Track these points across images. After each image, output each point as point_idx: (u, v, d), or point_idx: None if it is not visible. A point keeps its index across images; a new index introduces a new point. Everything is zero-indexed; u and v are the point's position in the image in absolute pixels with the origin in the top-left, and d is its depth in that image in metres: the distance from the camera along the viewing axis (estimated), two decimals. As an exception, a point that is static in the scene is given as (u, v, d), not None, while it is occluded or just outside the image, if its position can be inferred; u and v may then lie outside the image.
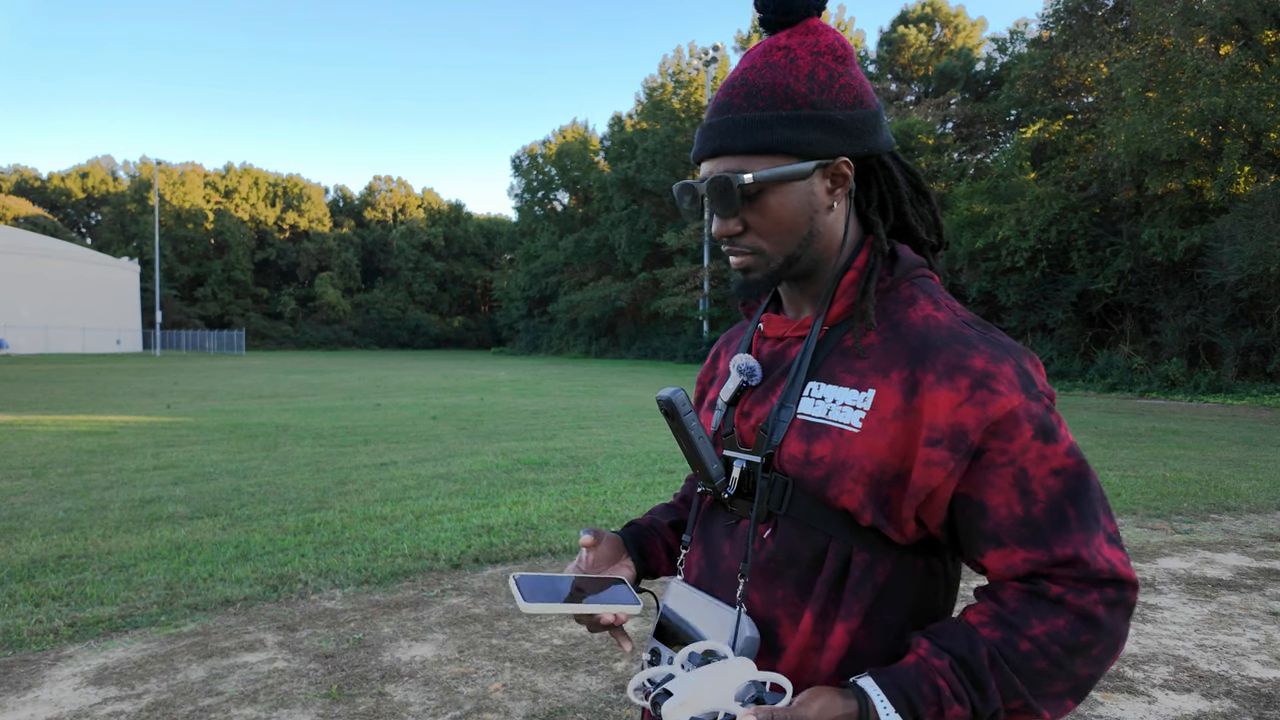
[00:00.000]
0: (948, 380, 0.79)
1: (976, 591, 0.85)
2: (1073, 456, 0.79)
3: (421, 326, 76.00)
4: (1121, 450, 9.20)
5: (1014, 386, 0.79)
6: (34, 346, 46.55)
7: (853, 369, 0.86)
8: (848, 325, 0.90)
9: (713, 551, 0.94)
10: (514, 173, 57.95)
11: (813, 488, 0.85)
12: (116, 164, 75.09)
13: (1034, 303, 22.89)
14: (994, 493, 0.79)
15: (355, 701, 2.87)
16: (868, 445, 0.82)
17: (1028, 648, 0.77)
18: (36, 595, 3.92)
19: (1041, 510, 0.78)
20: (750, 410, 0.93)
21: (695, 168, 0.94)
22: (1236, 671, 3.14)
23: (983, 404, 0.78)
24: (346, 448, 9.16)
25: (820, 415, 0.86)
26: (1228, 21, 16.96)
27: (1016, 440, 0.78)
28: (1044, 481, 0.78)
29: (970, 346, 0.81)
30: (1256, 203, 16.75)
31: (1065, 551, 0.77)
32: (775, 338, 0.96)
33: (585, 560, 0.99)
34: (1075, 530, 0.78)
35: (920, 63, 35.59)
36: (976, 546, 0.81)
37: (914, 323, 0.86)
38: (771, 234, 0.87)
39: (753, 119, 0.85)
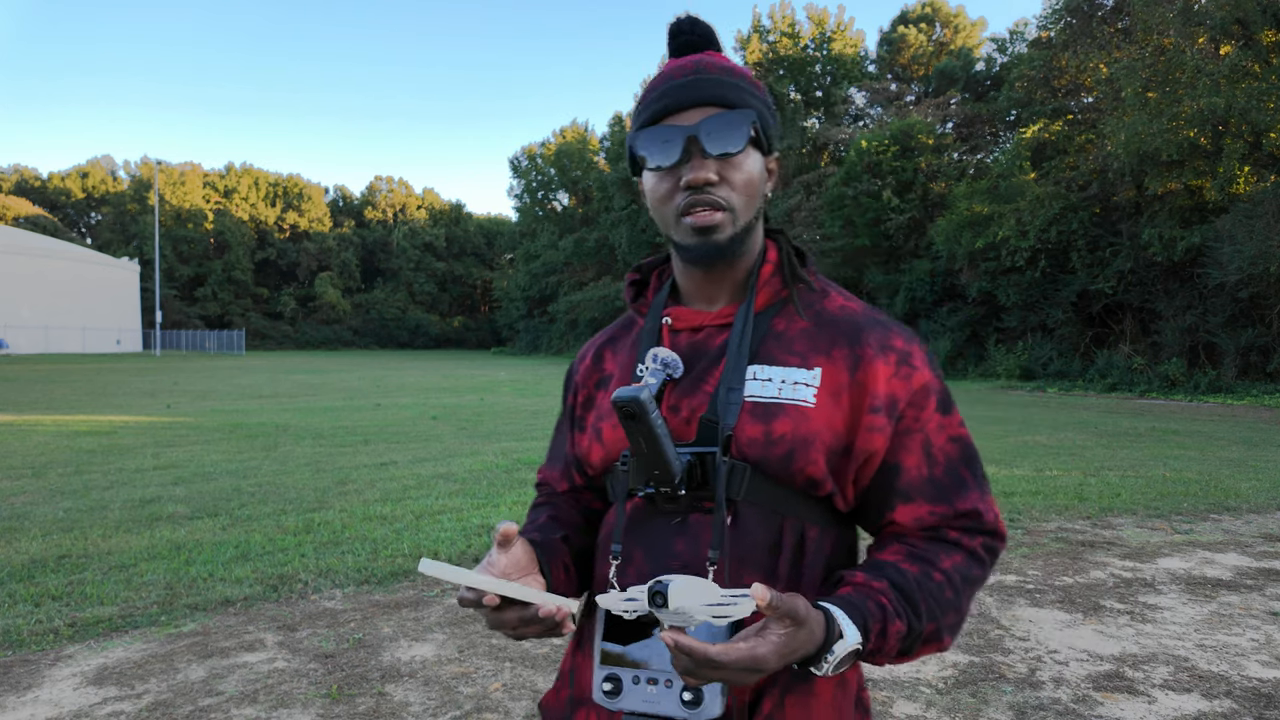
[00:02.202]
0: (881, 356, 0.90)
1: (876, 543, 0.94)
2: (963, 428, 0.93)
3: (421, 326, 75.99)
4: (1121, 450, 9.20)
5: (925, 364, 0.92)
6: (34, 346, 46.54)
7: (792, 350, 0.91)
8: (771, 312, 0.95)
9: (659, 553, 0.89)
10: (513, 173, 57.99)
11: (775, 467, 0.87)
12: (116, 164, 75.09)
13: (1034, 303, 22.89)
14: (907, 455, 0.89)
15: (355, 701, 2.87)
16: (824, 418, 0.88)
17: (940, 579, 0.87)
18: (36, 595, 3.92)
19: (943, 472, 0.90)
20: (679, 403, 0.92)
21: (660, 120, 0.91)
22: (1236, 671, 3.15)
23: (907, 377, 0.90)
24: (346, 448, 9.16)
25: (772, 395, 0.89)
26: (1228, 21, 16.96)
27: (926, 410, 0.90)
28: (944, 448, 0.91)
29: (889, 329, 0.93)
30: (1256, 203, 16.75)
31: (965, 506, 0.90)
32: (691, 329, 0.97)
33: (497, 564, 0.83)
34: (972, 489, 0.91)
35: (920, 63, 35.58)
36: (889, 503, 0.91)
37: (834, 310, 0.95)
38: (742, 193, 0.90)
39: (741, 85, 0.91)
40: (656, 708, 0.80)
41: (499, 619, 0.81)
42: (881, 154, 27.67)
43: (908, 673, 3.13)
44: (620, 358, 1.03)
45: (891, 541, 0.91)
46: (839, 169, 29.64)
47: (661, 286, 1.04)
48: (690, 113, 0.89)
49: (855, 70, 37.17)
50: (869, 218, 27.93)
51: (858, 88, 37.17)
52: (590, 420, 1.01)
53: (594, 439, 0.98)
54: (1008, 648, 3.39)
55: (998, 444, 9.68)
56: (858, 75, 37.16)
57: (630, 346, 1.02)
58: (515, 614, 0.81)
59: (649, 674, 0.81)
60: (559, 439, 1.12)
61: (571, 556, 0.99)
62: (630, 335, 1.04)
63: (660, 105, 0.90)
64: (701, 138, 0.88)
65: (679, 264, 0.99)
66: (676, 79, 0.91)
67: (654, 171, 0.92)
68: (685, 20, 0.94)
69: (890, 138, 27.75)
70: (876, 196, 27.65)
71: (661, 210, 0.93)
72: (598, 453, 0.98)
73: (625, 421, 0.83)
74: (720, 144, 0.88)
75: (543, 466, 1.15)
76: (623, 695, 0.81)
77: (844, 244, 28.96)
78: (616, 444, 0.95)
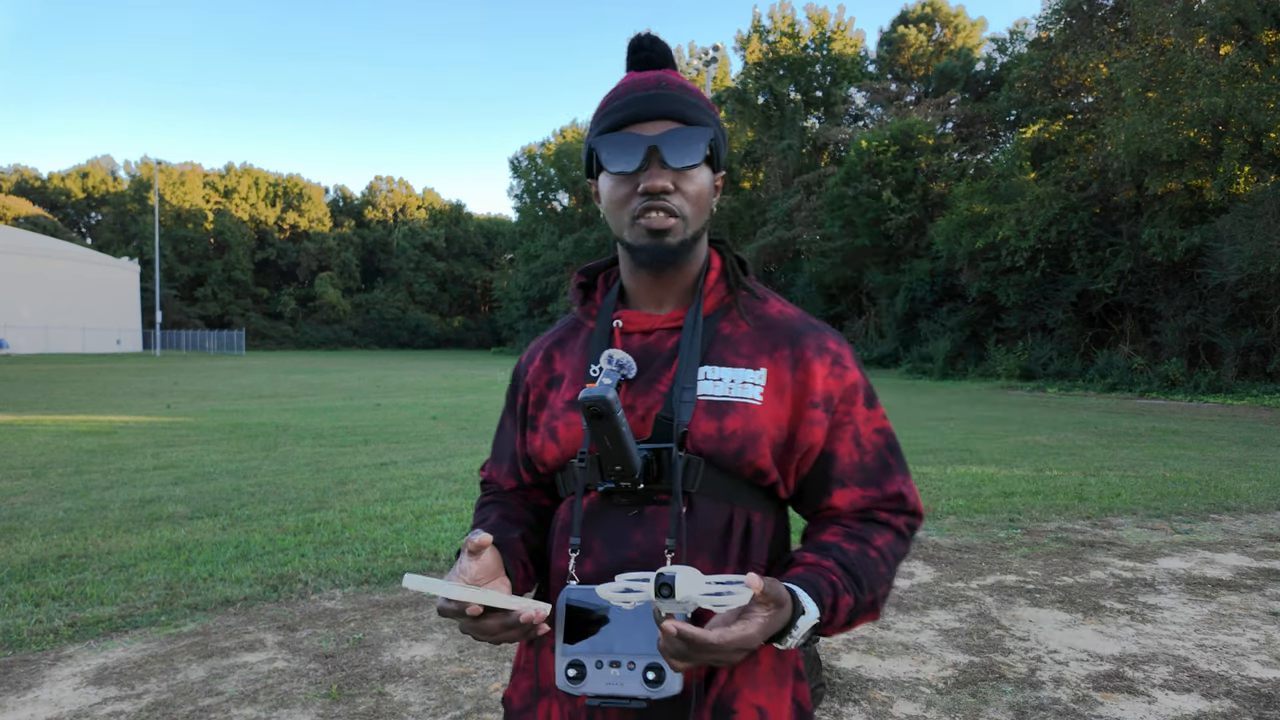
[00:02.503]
0: (818, 357, 0.99)
1: (814, 525, 1.02)
2: (886, 420, 1.03)
3: (421, 326, 75.97)
4: (1121, 450, 9.20)
5: (854, 363, 1.02)
6: (34, 346, 46.53)
7: (739, 352, 0.99)
8: (718, 316, 1.02)
9: (617, 544, 0.94)
10: (513, 173, 58.02)
11: (727, 460, 0.94)
12: (116, 164, 75.09)
13: (1034, 303, 22.88)
14: (840, 445, 0.99)
15: (355, 701, 2.87)
16: (771, 414, 0.96)
17: (875, 555, 0.96)
18: (36, 595, 3.92)
19: (872, 459, 1.00)
20: (634, 402, 0.97)
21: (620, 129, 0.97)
22: (1236, 671, 3.15)
23: (840, 376, 1.00)
24: (346, 448, 9.16)
25: (723, 394, 0.96)
26: (1228, 21, 16.95)
27: (855, 405, 1.00)
28: (871, 438, 1.00)
29: (823, 332, 1.03)
30: (1256, 203, 16.75)
31: (892, 489, 1.00)
32: (642, 332, 1.02)
33: (469, 570, 0.86)
34: (896, 473, 1.01)
35: (920, 63, 35.59)
36: (827, 488, 1.00)
37: (774, 315, 1.04)
38: (693, 203, 0.97)
39: (698, 104, 0.98)
40: (621, 689, 0.85)
41: (480, 626, 0.83)
42: (881, 154, 27.67)
43: (908, 673, 3.13)
44: (571, 359, 1.06)
45: (830, 524, 1.00)
46: (839, 169, 29.66)
47: (609, 289, 1.09)
48: (652, 124, 0.95)
49: (855, 70, 37.18)
50: (869, 218, 27.94)
51: (858, 88, 37.17)
52: (543, 419, 1.04)
53: (548, 438, 1.02)
54: (1008, 648, 3.39)
55: (998, 444, 9.68)
56: (858, 75, 37.17)
57: (581, 348, 1.06)
58: (497, 621, 0.83)
59: (612, 658, 0.86)
60: (503, 438, 1.15)
61: (528, 554, 1.03)
62: (579, 337, 1.08)
63: (624, 114, 0.96)
64: (663, 149, 0.94)
65: (628, 266, 1.03)
66: (639, 91, 0.96)
67: (613, 176, 0.97)
68: (645, 38, 1.01)
69: (890, 138, 27.76)
70: (876, 196, 27.66)
71: (617, 213, 0.98)
72: (552, 451, 1.01)
73: (591, 421, 0.86)
74: (680, 157, 0.94)
75: (488, 465, 1.18)
76: (586, 680, 0.86)
77: (844, 244, 28.96)
78: (572, 442, 0.99)
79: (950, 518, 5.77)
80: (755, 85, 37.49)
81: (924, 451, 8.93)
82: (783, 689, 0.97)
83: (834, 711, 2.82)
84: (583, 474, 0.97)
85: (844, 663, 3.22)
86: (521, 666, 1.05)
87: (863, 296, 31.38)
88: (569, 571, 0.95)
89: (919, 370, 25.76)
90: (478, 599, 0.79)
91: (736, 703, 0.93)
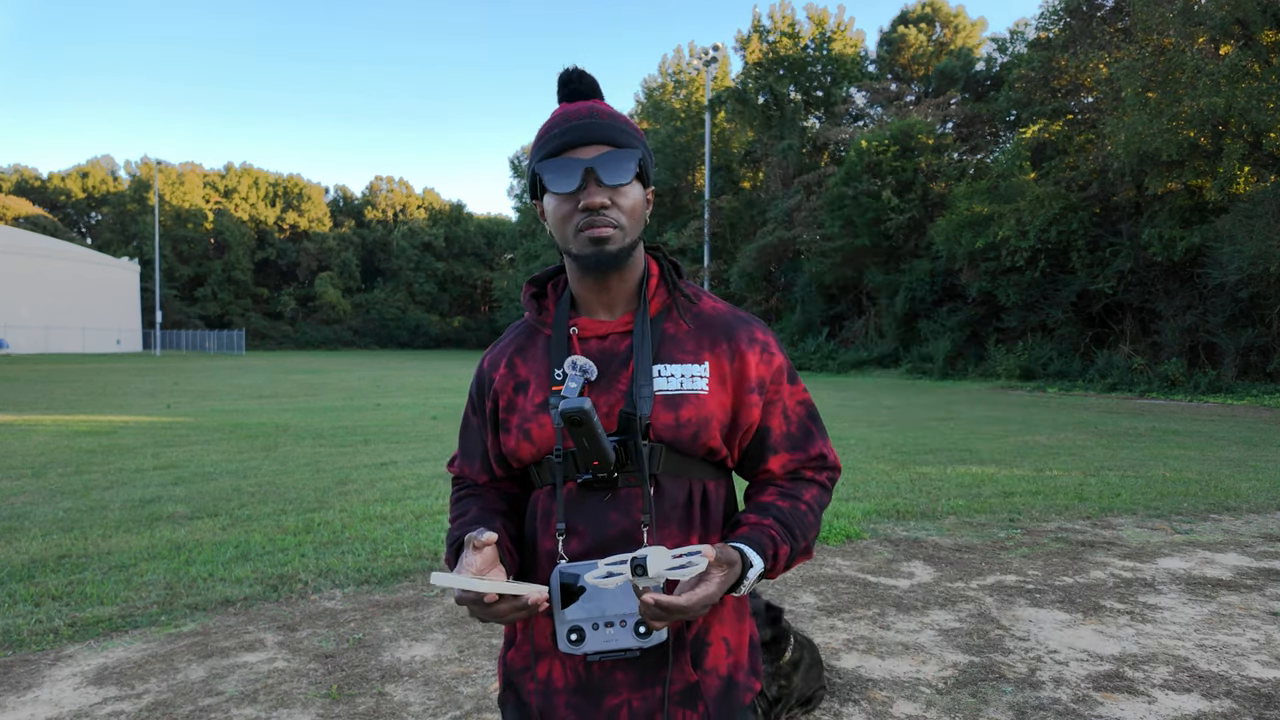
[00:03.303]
0: (750, 348, 1.16)
1: (753, 487, 1.22)
2: (806, 393, 1.22)
3: (421, 326, 75.97)
4: (1121, 450, 9.20)
5: (778, 348, 1.20)
6: (34, 346, 46.53)
7: (684, 349, 1.14)
8: (661, 318, 1.16)
9: (597, 525, 1.09)
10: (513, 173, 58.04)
11: (684, 444, 1.10)
12: (116, 164, 75.08)
13: (1034, 303, 22.88)
14: (773, 420, 1.18)
15: (355, 701, 2.87)
16: (717, 401, 1.12)
17: (804, 508, 1.16)
18: (36, 595, 3.92)
19: (796, 428, 1.20)
20: (598, 401, 1.10)
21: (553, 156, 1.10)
22: (1236, 671, 3.15)
23: (768, 361, 1.17)
24: (346, 448, 9.17)
25: (676, 388, 1.11)
26: (1228, 21, 16.95)
27: (782, 384, 1.19)
28: (795, 410, 1.20)
29: (750, 324, 1.19)
30: (1256, 203, 16.75)
31: (815, 451, 1.20)
32: (597, 337, 1.15)
33: (474, 564, 0.98)
34: (817, 438, 1.21)
35: (920, 63, 35.58)
36: (763, 456, 1.19)
37: (708, 312, 1.19)
38: (628, 216, 1.10)
39: (627, 130, 1.11)
40: (616, 644, 1.02)
41: (494, 611, 0.97)
42: (881, 154, 27.66)
43: (908, 673, 3.13)
44: (533, 365, 1.18)
45: (766, 485, 1.20)
46: (839, 169, 29.62)
47: (560, 298, 1.21)
48: (587, 149, 1.08)
49: (855, 70, 37.15)
50: (869, 218, 27.92)
51: (858, 88, 37.16)
52: (515, 422, 1.16)
53: (522, 438, 1.14)
54: (1008, 648, 3.39)
55: (998, 444, 9.68)
56: (858, 75, 37.15)
57: (542, 354, 1.18)
58: (508, 605, 0.98)
59: (605, 619, 1.02)
60: (470, 437, 1.27)
61: (510, 540, 1.17)
62: (537, 344, 1.20)
63: (562, 140, 1.09)
64: (598, 170, 1.06)
65: (575, 275, 1.16)
66: (573, 120, 1.09)
67: (555, 196, 1.10)
68: (574, 72, 1.14)
69: (890, 138, 27.74)
70: (876, 196, 27.64)
71: (562, 229, 1.10)
72: (527, 449, 1.14)
73: (572, 427, 0.98)
74: (613, 176, 1.07)
75: (458, 462, 1.29)
76: (586, 641, 1.02)
77: (844, 244, 28.94)
78: (546, 441, 1.12)
79: (950, 518, 5.77)
80: (755, 85, 37.47)
81: (924, 451, 8.93)
82: (741, 624, 1.19)
83: (834, 711, 2.82)
84: (559, 467, 1.10)
85: (844, 663, 3.22)
86: (519, 632, 1.19)
87: (863, 296, 31.37)
88: (558, 552, 1.09)
89: (919, 370, 25.76)
90: (496, 589, 0.94)
91: (709, 636, 1.14)
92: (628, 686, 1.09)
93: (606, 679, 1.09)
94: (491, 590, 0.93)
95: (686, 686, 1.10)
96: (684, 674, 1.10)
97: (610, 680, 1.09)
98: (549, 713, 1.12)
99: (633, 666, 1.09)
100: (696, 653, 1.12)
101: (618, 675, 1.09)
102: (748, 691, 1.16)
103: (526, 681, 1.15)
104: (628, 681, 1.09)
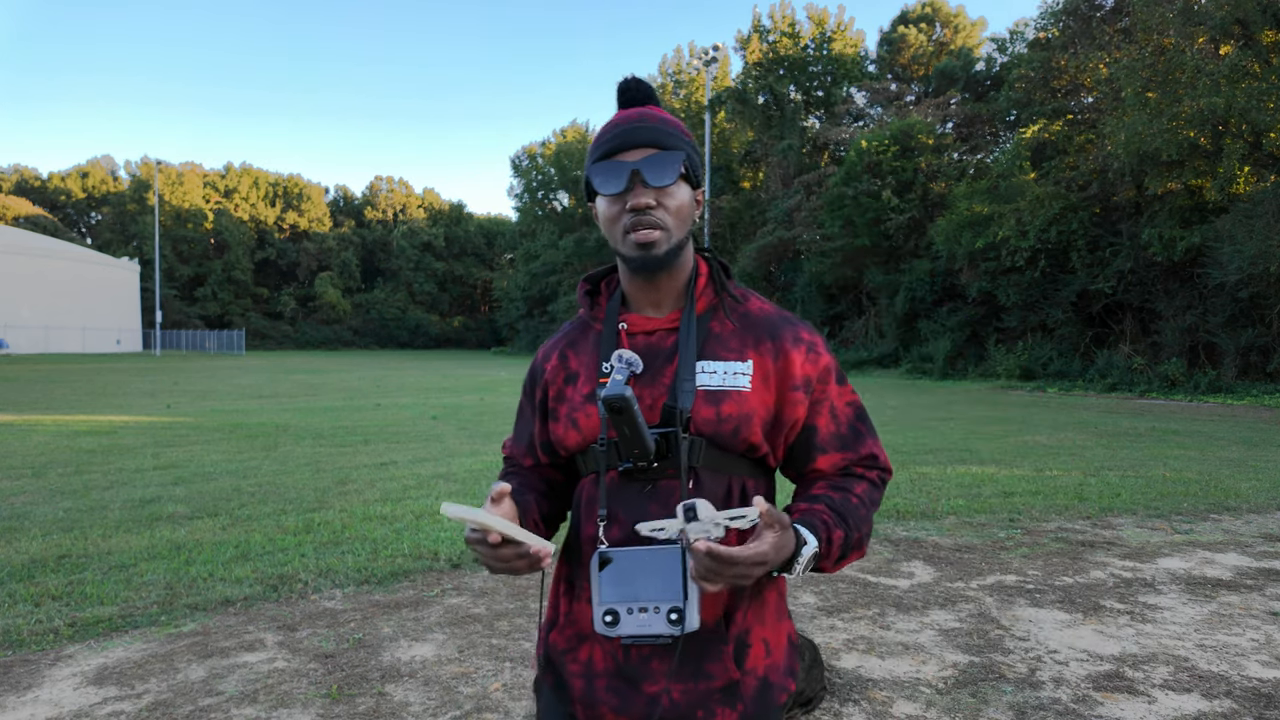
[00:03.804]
0: (795, 347, 1.18)
1: (802, 485, 1.23)
2: (855, 394, 1.24)
3: (421, 326, 75.97)
4: (1121, 450, 9.20)
5: (825, 349, 1.22)
6: (34, 346, 46.53)
7: (728, 346, 1.17)
8: (708, 316, 1.20)
9: (636, 514, 1.11)
10: (514, 173, 58.03)
11: (724, 439, 1.12)
12: (116, 164, 75.09)
13: (1034, 303, 22.87)
14: (820, 419, 1.19)
15: (355, 701, 2.87)
16: (759, 398, 1.15)
17: (856, 501, 1.16)
18: (36, 595, 3.92)
19: (845, 428, 1.21)
20: (642, 394, 1.15)
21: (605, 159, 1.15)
22: (1236, 671, 3.15)
23: (814, 361, 1.19)
24: (346, 448, 9.17)
25: (718, 384, 1.14)
26: (1228, 21, 16.94)
27: (829, 384, 1.20)
28: (843, 410, 1.21)
29: (797, 325, 1.21)
30: (1256, 203, 16.74)
31: (865, 451, 1.21)
32: (645, 333, 1.20)
33: (491, 512, 1.04)
34: (867, 437, 1.22)
35: (920, 63, 35.56)
36: (810, 455, 1.20)
37: (755, 312, 1.22)
38: (674, 216, 1.14)
39: (675, 133, 1.16)
40: (649, 629, 1.04)
41: (498, 554, 0.99)
42: (881, 154, 27.65)
43: (908, 673, 3.13)
44: (583, 358, 1.23)
45: (816, 481, 1.21)
46: (839, 169, 29.61)
47: (611, 295, 1.26)
48: (634, 152, 1.13)
49: (855, 70, 37.15)
50: (869, 218, 27.92)
51: (858, 88, 37.15)
52: (563, 411, 1.21)
53: (570, 426, 1.19)
54: (1008, 648, 3.39)
55: (998, 444, 9.68)
56: (858, 75, 37.14)
57: (592, 348, 1.23)
58: (511, 550, 1.00)
59: (639, 604, 1.04)
60: (523, 423, 1.33)
61: (540, 515, 1.23)
62: (589, 338, 1.25)
63: (610, 145, 1.14)
64: (643, 172, 1.11)
65: (626, 274, 1.21)
66: (623, 125, 1.15)
67: (605, 198, 1.15)
68: (631, 80, 1.20)
69: (890, 138, 27.73)
70: (876, 196, 27.64)
71: (611, 229, 1.15)
72: (574, 438, 1.19)
73: (613, 414, 1.02)
74: (658, 177, 1.11)
75: (509, 443, 1.36)
76: (620, 624, 1.04)
77: (844, 244, 28.94)
78: (591, 430, 1.17)
79: (950, 518, 5.77)
80: (755, 85, 37.47)
81: (924, 451, 8.93)
82: (780, 624, 1.20)
83: (834, 711, 2.82)
84: (604, 456, 1.14)
85: (844, 663, 3.22)
86: (561, 615, 1.22)
87: (863, 296, 31.37)
88: (599, 537, 1.13)
89: (919, 370, 25.76)
90: (499, 528, 0.96)
91: (750, 637, 1.15)
92: (665, 676, 1.11)
93: (643, 667, 1.11)
94: (496, 529, 0.96)
95: (729, 683, 1.12)
96: (727, 671, 1.12)
97: (646, 669, 1.11)
98: (590, 694, 1.15)
99: (669, 656, 1.11)
100: (739, 652, 1.14)
101: (654, 664, 1.11)
102: (783, 692, 1.18)
103: (569, 663, 1.18)
104: (664, 671, 1.11)
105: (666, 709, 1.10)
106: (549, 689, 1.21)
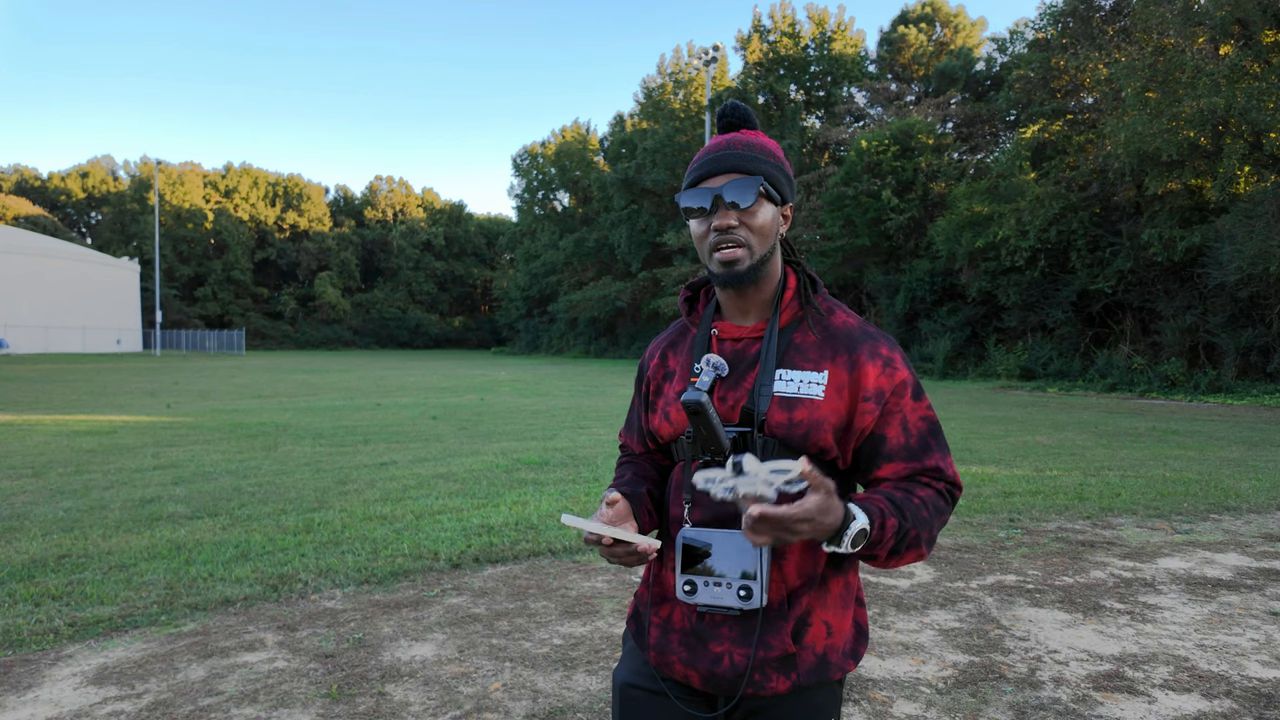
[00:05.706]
0: (871, 361, 1.26)
1: (867, 490, 1.27)
2: (932, 410, 1.30)
3: (421, 326, 75.98)
4: (1121, 450, 9.20)
5: (904, 365, 1.29)
6: (34, 346, 46.53)
7: (808, 357, 1.28)
8: (792, 328, 1.31)
9: (714, 502, 1.24)
10: (514, 172, 57.97)
11: (795, 441, 1.23)
12: (116, 164, 75.06)
13: (1034, 303, 22.88)
14: (889, 429, 1.26)
15: (355, 701, 2.87)
16: (831, 407, 1.24)
17: (918, 502, 1.22)
18: (36, 595, 3.92)
19: (915, 441, 1.27)
20: (726, 395, 1.28)
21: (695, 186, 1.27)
22: (1236, 671, 3.15)
23: (890, 375, 1.26)
24: (346, 448, 9.17)
25: (793, 392, 1.25)
26: (1228, 21, 16.95)
27: (904, 398, 1.27)
28: (917, 424, 1.27)
29: (877, 340, 1.29)
30: (1256, 203, 16.74)
31: (931, 463, 1.26)
32: (733, 339, 1.32)
33: (605, 515, 1.20)
34: (935, 451, 1.27)
35: (920, 63, 35.56)
36: (876, 462, 1.27)
37: (837, 325, 1.31)
38: (757, 234, 1.25)
39: (757, 156, 1.27)
40: (720, 601, 1.21)
41: (613, 552, 1.15)
42: (881, 154, 27.65)
43: (908, 673, 3.13)
44: (680, 358, 1.39)
45: (879, 484, 1.28)
46: (839, 169, 29.64)
47: (708, 302, 1.40)
48: (719, 178, 1.25)
49: (855, 70, 37.16)
50: (869, 218, 27.93)
51: (858, 88, 37.15)
52: (660, 405, 1.37)
53: (663, 419, 1.35)
54: (1008, 648, 3.39)
55: (998, 444, 9.68)
56: (858, 75, 37.15)
57: (687, 350, 1.38)
58: (623, 549, 1.15)
59: (714, 579, 1.21)
60: (633, 414, 1.51)
61: (652, 503, 1.37)
62: (686, 340, 1.41)
63: (699, 173, 1.27)
64: (725, 195, 1.23)
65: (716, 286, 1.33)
66: (710, 154, 1.27)
67: (694, 219, 1.28)
68: (729, 106, 1.33)
69: (890, 138, 27.74)
70: (876, 196, 27.64)
71: (700, 246, 1.28)
72: (666, 429, 1.35)
73: (691, 416, 1.18)
74: (738, 199, 1.23)
75: (623, 433, 1.54)
76: (697, 594, 1.22)
77: (844, 244, 28.95)
78: (681, 424, 1.31)
79: (950, 517, 5.77)
80: (755, 85, 37.48)
81: (924, 451, 8.92)
82: (846, 611, 1.31)
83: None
84: (688, 447, 1.29)
85: (844, 663, 3.22)
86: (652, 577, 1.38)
87: (863, 296, 31.37)
88: (684, 518, 1.29)
89: (919, 370, 25.74)
90: (610, 534, 1.12)
91: (811, 618, 1.26)
92: (730, 640, 1.24)
93: (714, 630, 1.26)
94: (606, 534, 1.12)
95: (784, 655, 1.24)
96: (783, 643, 1.23)
97: (716, 632, 1.25)
98: (664, 644, 1.31)
99: (737, 625, 1.24)
100: (798, 629, 1.25)
101: (723, 629, 1.25)
102: (839, 670, 1.28)
103: (653, 616, 1.34)
104: (730, 636, 1.25)
105: (726, 668, 1.24)
106: (632, 635, 1.39)
